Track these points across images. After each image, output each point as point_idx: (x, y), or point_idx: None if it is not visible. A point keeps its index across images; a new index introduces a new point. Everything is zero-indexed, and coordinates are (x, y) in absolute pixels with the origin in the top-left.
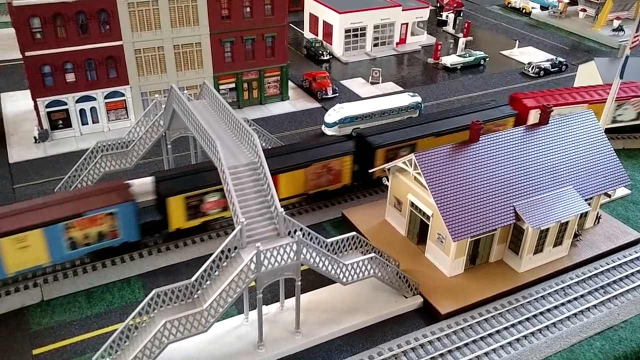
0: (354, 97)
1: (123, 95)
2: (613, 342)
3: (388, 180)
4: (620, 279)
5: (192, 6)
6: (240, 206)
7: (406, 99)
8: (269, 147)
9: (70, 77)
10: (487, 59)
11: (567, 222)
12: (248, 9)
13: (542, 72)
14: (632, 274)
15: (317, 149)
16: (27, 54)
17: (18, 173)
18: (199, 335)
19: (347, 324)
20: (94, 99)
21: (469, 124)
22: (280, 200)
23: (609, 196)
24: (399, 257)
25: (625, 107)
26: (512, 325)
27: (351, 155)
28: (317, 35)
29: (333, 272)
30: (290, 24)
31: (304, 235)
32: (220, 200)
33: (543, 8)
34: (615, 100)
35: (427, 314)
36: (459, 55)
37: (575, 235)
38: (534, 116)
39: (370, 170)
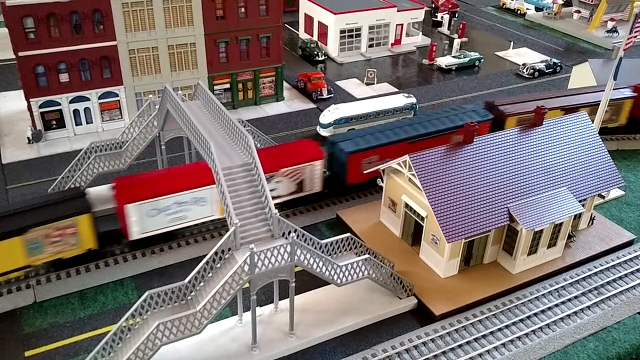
0: (349, 97)
1: (117, 95)
2: (606, 343)
3: (382, 181)
4: (614, 280)
5: (187, 6)
6: (234, 207)
7: (401, 100)
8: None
9: (64, 78)
10: (482, 60)
11: (561, 224)
12: (243, 10)
13: (536, 73)
14: (625, 275)
15: None
16: (20, 54)
17: (11, 174)
18: (193, 337)
19: (341, 325)
20: (88, 99)
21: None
22: None
23: (603, 197)
24: (393, 258)
25: (278, 180)
26: (506, 327)
27: None
28: (312, 35)
29: (327, 273)
30: (286, 25)
31: (298, 236)
32: None
33: (538, 9)
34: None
35: (421, 315)
36: (453, 56)
37: (569, 237)
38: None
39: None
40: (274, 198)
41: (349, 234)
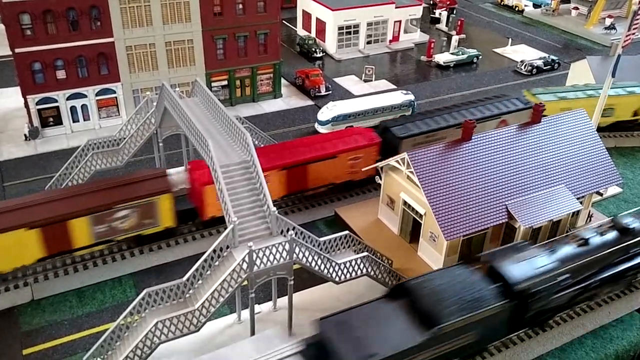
0: (347, 94)
1: (114, 92)
2: (604, 340)
3: (381, 178)
4: None
5: (184, 2)
6: (232, 205)
7: (399, 96)
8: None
9: (61, 74)
10: (480, 57)
11: (559, 221)
12: (240, 6)
13: (534, 70)
14: None
15: None
16: (17, 50)
17: (8, 171)
18: (191, 335)
19: None
20: (85, 96)
21: None
22: None
23: (601, 195)
24: (391, 255)
25: None
26: None
27: None
28: (310, 32)
29: (326, 271)
30: (283, 21)
31: (296, 234)
32: None
33: (536, 6)
34: None
35: None
36: (452, 53)
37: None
38: None
39: None
40: None
41: (347, 232)
